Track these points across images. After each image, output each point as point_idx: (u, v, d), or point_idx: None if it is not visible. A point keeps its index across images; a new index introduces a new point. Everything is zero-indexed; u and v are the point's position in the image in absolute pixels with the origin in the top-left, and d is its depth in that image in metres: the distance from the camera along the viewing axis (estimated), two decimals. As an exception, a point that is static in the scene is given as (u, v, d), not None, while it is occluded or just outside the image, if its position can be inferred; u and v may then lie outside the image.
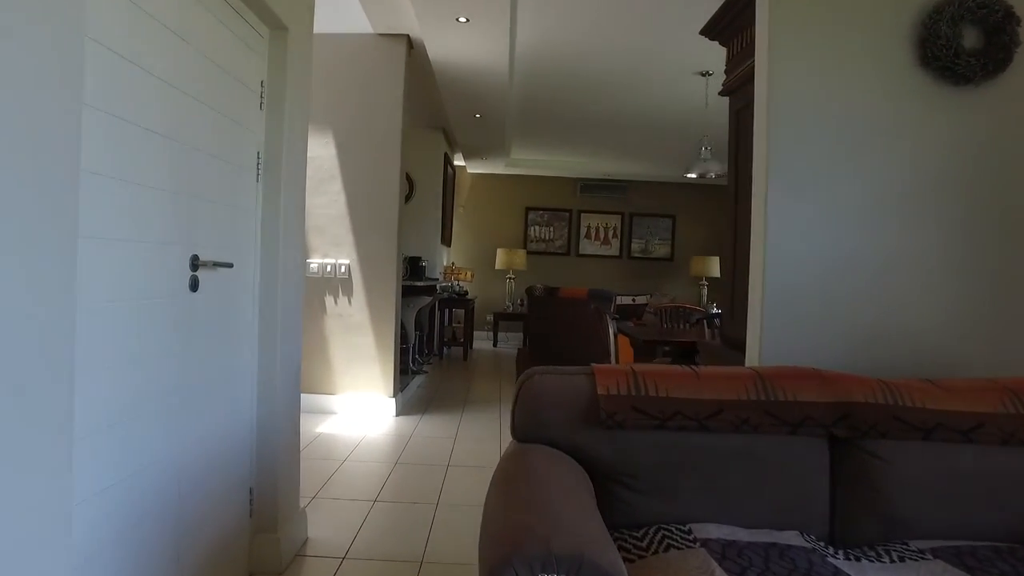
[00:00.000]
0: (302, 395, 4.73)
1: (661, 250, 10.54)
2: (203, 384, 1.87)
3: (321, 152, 4.72)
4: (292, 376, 2.46)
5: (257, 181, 2.20)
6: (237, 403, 2.11)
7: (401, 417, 4.73)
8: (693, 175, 5.38)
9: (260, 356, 2.23)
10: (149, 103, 1.57)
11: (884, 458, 1.61)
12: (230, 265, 1.90)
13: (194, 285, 1.75)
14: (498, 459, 3.83)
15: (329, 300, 4.73)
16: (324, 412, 4.69)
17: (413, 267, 7.29)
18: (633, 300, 9.58)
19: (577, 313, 6.01)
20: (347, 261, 4.72)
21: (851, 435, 1.64)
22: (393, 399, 4.73)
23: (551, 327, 6.16)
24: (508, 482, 1.40)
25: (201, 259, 1.77)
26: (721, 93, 3.01)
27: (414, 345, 6.23)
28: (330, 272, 4.72)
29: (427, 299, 5.96)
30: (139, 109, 1.52)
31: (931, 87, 2.07)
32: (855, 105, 2.11)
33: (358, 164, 4.73)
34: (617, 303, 6.28)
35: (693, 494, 1.64)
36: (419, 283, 5.82)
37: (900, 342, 2.14)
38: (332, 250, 4.73)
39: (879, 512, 1.60)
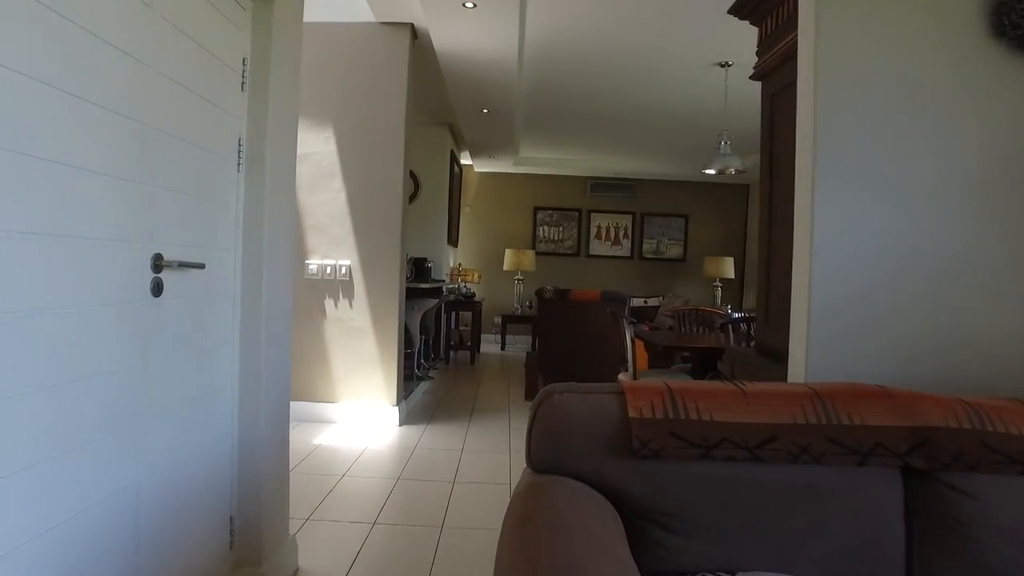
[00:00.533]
0: (300, 403, 4.50)
1: (673, 250, 10.28)
2: (170, 403, 1.63)
3: (320, 147, 4.48)
4: (279, 390, 2.21)
5: (238, 171, 1.96)
6: (213, 422, 1.87)
7: (405, 427, 4.48)
8: (712, 171, 5.11)
9: (242, 368, 1.98)
10: (99, 74, 1.32)
11: (973, 495, 1.35)
12: (202, 266, 1.66)
13: (157, 289, 1.51)
14: (507, 475, 3.59)
15: (329, 303, 4.50)
16: (323, 421, 4.46)
17: (418, 268, 7.05)
18: (645, 302, 9.32)
19: (590, 316, 5.76)
20: (348, 262, 4.48)
21: (931, 466, 1.38)
22: (396, 407, 4.49)
23: (562, 330, 5.92)
24: (525, 531, 1.15)
25: (166, 259, 1.53)
26: (753, 77, 2.75)
27: (419, 350, 5.99)
28: (330, 274, 4.48)
29: (432, 302, 5.72)
30: (85, 80, 1.28)
31: (1006, 60, 1.81)
32: (917, 82, 1.85)
33: (360, 160, 4.49)
34: (629, 305, 6.02)
35: (743, 536, 1.38)
36: (424, 285, 5.59)
37: (968, 354, 1.88)
38: (332, 250, 4.49)
39: (968, 560, 1.34)
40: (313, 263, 4.49)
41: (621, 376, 4.12)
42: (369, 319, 4.48)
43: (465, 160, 9.43)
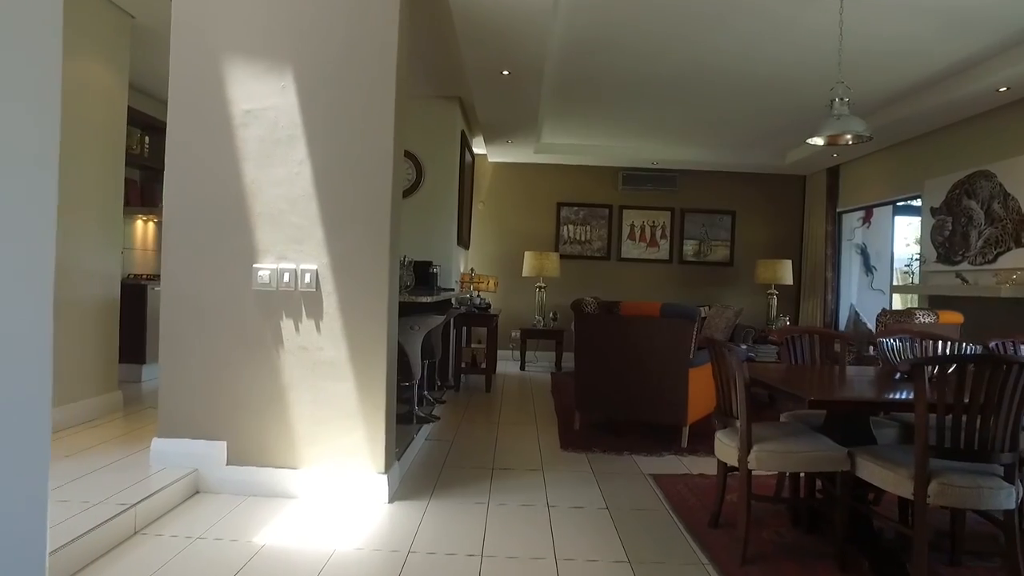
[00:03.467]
0: (247, 469, 3.06)
1: (719, 252, 8.86)
2: None
3: (275, 100, 3.12)
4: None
5: None
6: None
7: (397, 504, 3.09)
8: (819, 141, 3.72)
9: None
10: None
11: None
12: None
13: None
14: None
15: (287, 325, 3.12)
16: (280, 496, 3.08)
17: (422, 275, 5.69)
18: (689, 313, 7.91)
19: (645, 337, 4.36)
20: (314, 266, 3.11)
21: None
22: (384, 475, 3.10)
23: (607, 355, 4.52)
24: None
25: None
26: None
27: (421, 381, 4.61)
28: (288, 283, 3.11)
29: (438, 319, 4.35)
30: None
31: None
32: None
33: (333, 122, 3.12)
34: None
35: None
36: (425, 299, 4.19)
37: None
38: (292, 250, 3.12)
39: None
40: (264, 268, 3.12)
41: (721, 436, 2.72)
42: (344, 348, 3.11)
43: (478, 149, 8.08)
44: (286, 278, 3.11)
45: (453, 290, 5.92)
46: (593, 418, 4.90)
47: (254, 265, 3.12)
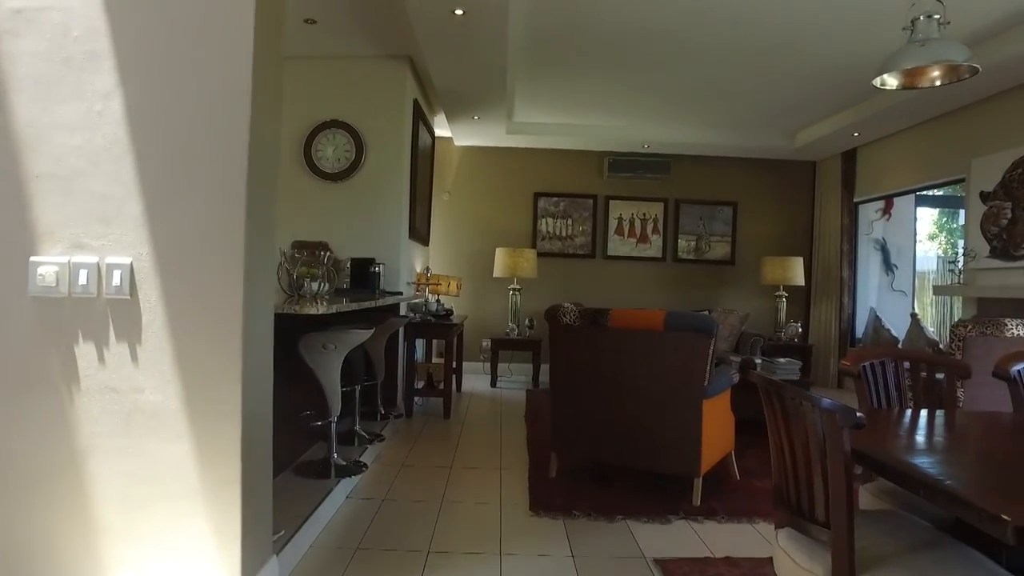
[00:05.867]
0: None
1: (718, 249, 7.79)
2: None
3: (62, -5, 1.96)
4: None
5: None
6: None
7: (260, 636, 1.95)
8: (892, 82, 2.63)
9: None
10: None
11: None
12: None
13: None
14: None
15: (85, 353, 1.97)
16: (74, 625, 1.92)
17: (360, 276, 4.57)
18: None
19: (644, 355, 3.25)
20: (127, 260, 1.96)
21: None
22: (243, 590, 1.96)
23: (592, 378, 3.40)
24: None
25: None
26: None
27: (350, 417, 3.46)
28: (86, 285, 1.96)
29: (364, 334, 3.19)
30: None
31: None
32: None
33: (157, 33, 1.97)
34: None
35: None
36: (314, 310, 2.93)
37: None
38: (93, 234, 1.97)
39: None
40: (48, 262, 1.96)
41: (788, 547, 1.60)
42: (177, 388, 1.96)
43: (441, 131, 6.95)
44: (83, 278, 1.95)
45: (402, 294, 4.79)
46: (574, 460, 3.78)
47: (31, 258, 1.96)
